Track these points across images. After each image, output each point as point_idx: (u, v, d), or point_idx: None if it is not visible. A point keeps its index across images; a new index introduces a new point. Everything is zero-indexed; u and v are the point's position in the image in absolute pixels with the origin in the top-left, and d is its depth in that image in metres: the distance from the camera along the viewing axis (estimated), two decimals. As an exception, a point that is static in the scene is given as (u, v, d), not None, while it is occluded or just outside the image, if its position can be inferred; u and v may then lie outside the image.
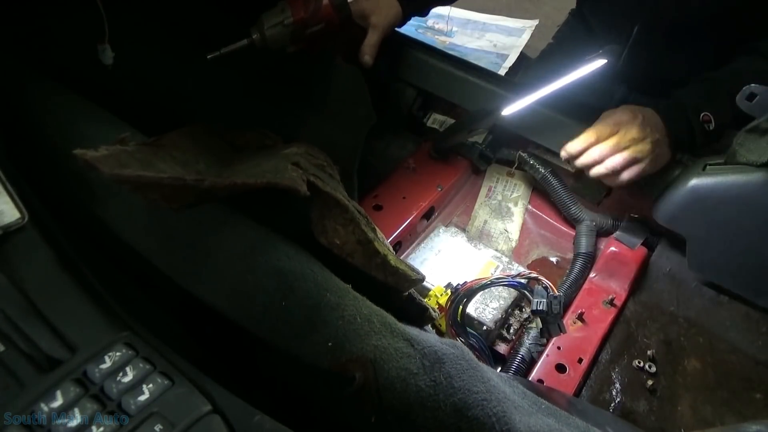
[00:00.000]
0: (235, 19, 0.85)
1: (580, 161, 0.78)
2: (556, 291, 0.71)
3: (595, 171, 0.78)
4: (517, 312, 0.80)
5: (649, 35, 0.88)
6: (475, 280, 0.73)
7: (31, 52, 0.70)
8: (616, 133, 0.75)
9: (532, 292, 0.71)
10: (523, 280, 0.72)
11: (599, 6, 0.96)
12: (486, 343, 0.75)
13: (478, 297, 0.75)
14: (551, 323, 0.70)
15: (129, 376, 0.36)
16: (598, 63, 0.89)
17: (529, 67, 1.25)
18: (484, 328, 0.75)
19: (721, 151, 0.73)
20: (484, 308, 0.76)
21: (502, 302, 0.77)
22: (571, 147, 0.78)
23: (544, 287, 0.70)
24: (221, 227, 0.52)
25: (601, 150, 0.76)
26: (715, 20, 0.84)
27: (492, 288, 0.75)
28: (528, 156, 0.91)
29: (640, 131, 0.74)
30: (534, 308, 0.69)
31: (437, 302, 0.74)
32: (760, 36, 0.78)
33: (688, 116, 0.75)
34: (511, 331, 0.78)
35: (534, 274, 0.73)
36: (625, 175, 0.76)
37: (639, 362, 0.77)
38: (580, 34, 1.11)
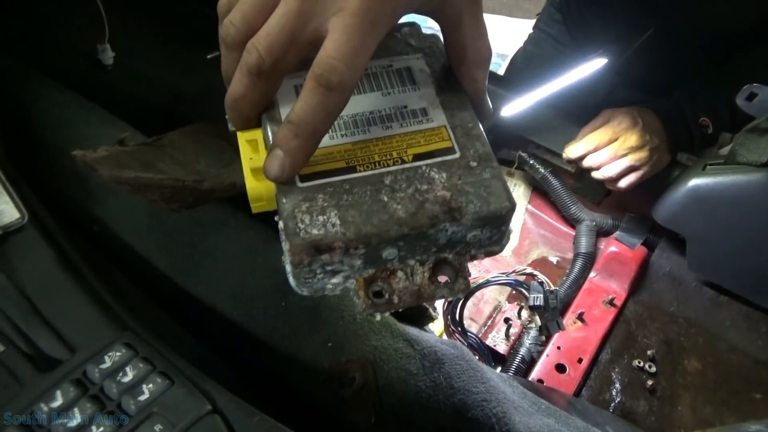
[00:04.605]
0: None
1: (580, 166, 0.79)
2: (552, 286, 0.71)
3: (594, 175, 0.78)
4: (516, 312, 0.80)
5: (659, 41, 0.87)
6: (472, 278, 0.73)
7: (31, 52, 0.70)
8: (616, 139, 0.75)
9: (528, 289, 0.71)
10: (519, 278, 0.73)
11: (602, 4, 0.95)
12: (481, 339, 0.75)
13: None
14: (550, 320, 0.70)
15: (129, 376, 0.36)
16: (598, 63, 0.89)
17: (513, 65, 1.20)
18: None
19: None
20: None
21: None
22: (571, 152, 0.79)
23: (539, 282, 0.70)
24: (221, 227, 0.52)
25: (600, 158, 0.76)
26: (733, 31, 0.83)
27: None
28: (528, 156, 0.91)
29: (640, 139, 0.74)
30: (531, 304, 0.69)
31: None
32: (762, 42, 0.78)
33: (686, 120, 0.75)
34: (511, 331, 0.78)
35: (529, 270, 0.73)
36: (623, 183, 0.77)
37: (639, 362, 0.77)
38: (563, 29, 1.09)
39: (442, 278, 0.30)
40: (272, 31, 0.26)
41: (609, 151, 0.75)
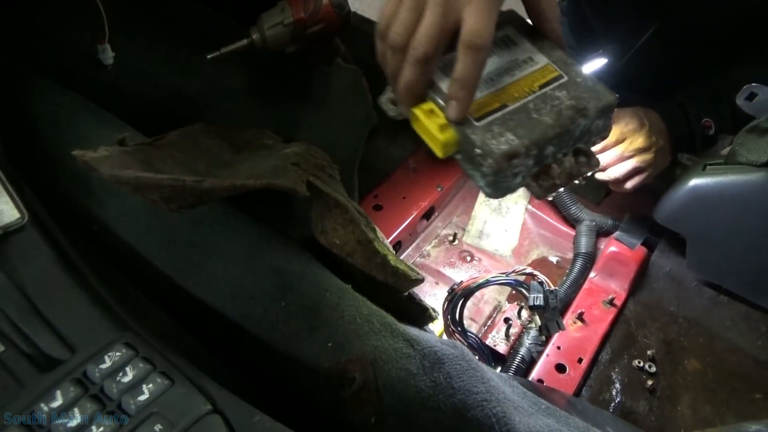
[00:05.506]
0: (235, 19, 0.85)
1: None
2: (552, 286, 0.70)
3: (599, 177, 0.78)
4: (516, 312, 0.80)
5: (659, 42, 0.86)
6: (472, 278, 0.74)
7: (31, 52, 0.70)
8: (622, 141, 0.74)
9: (528, 289, 0.71)
10: (519, 277, 0.72)
11: (605, 5, 0.95)
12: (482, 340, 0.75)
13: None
14: (550, 320, 0.70)
15: (129, 376, 0.36)
16: (598, 62, 0.89)
17: None
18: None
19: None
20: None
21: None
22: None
23: (539, 282, 0.70)
24: (221, 227, 0.52)
25: (606, 160, 0.75)
26: (735, 33, 0.82)
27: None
28: (528, 156, 0.91)
29: (646, 141, 0.73)
30: (531, 303, 0.69)
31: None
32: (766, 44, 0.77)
33: (689, 121, 0.75)
34: (511, 331, 0.78)
35: (529, 270, 0.73)
36: (629, 184, 0.76)
37: (639, 362, 0.76)
38: (568, 31, 1.09)
39: (582, 160, 0.42)
40: (429, 31, 0.38)
41: (616, 152, 0.74)
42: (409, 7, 0.39)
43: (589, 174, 0.43)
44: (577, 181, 0.43)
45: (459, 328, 0.73)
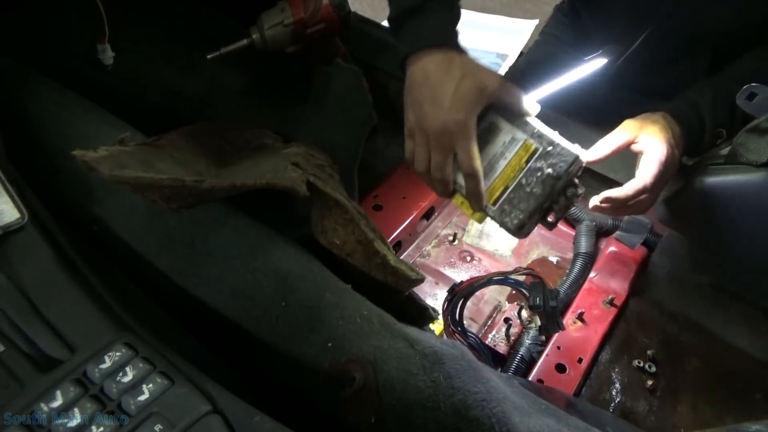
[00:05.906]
0: (235, 19, 0.86)
1: (627, 207, 0.68)
2: (552, 286, 0.70)
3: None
4: (516, 312, 0.80)
5: (656, 43, 0.86)
6: (472, 278, 0.74)
7: (31, 52, 0.70)
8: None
9: (528, 289, 0.71)
10: (518, 277, 0.72)
11: (601, 8, 0.95)
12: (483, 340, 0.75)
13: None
14: (550, 320, 0.70)
15: (129, 376, 0.36)
16: (598, 63, 0.89)
17: (516, 68, 1.19)
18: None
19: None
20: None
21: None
22: (617, 194, 0.65)
23: (539, 282, 0.70)
24: (221, 227, 0.52)
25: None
26: (733, 35, 0.81)
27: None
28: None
29: (678, 165, 0.69)
30: (531, 303, 0.69)
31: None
32: None
33: (705, 133, 0.73)
34: (511, 331, 0.78)
35: (529, 270, 0.73)
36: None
37: (639, 362, 0.76)
38: (570, 31, 1.09)
39: (570, 192, 0.57)
40: (438, 163, 0.57)
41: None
42: (422, 149, 0.59)
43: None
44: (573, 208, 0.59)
45: (459, 328, 0.73)
